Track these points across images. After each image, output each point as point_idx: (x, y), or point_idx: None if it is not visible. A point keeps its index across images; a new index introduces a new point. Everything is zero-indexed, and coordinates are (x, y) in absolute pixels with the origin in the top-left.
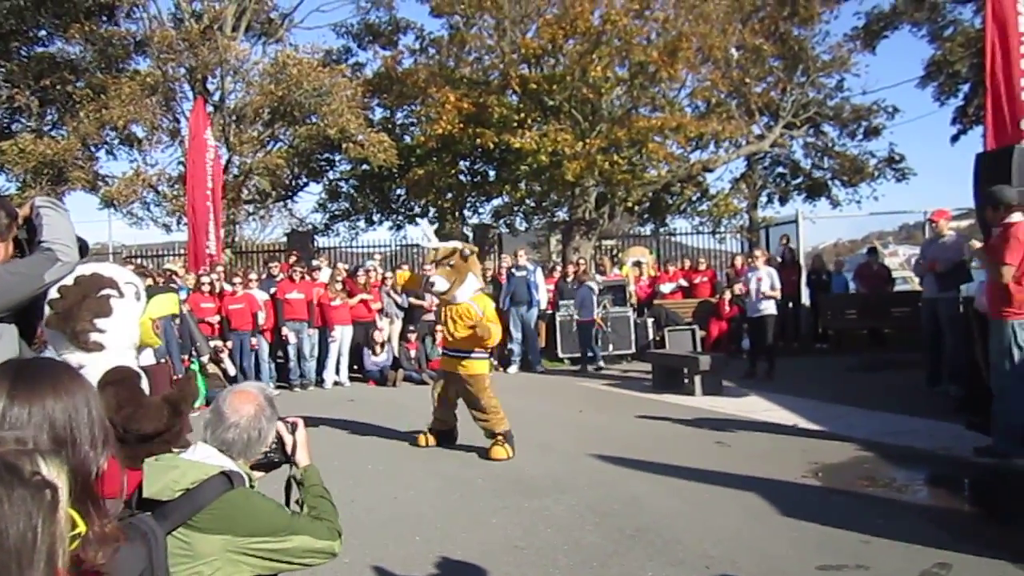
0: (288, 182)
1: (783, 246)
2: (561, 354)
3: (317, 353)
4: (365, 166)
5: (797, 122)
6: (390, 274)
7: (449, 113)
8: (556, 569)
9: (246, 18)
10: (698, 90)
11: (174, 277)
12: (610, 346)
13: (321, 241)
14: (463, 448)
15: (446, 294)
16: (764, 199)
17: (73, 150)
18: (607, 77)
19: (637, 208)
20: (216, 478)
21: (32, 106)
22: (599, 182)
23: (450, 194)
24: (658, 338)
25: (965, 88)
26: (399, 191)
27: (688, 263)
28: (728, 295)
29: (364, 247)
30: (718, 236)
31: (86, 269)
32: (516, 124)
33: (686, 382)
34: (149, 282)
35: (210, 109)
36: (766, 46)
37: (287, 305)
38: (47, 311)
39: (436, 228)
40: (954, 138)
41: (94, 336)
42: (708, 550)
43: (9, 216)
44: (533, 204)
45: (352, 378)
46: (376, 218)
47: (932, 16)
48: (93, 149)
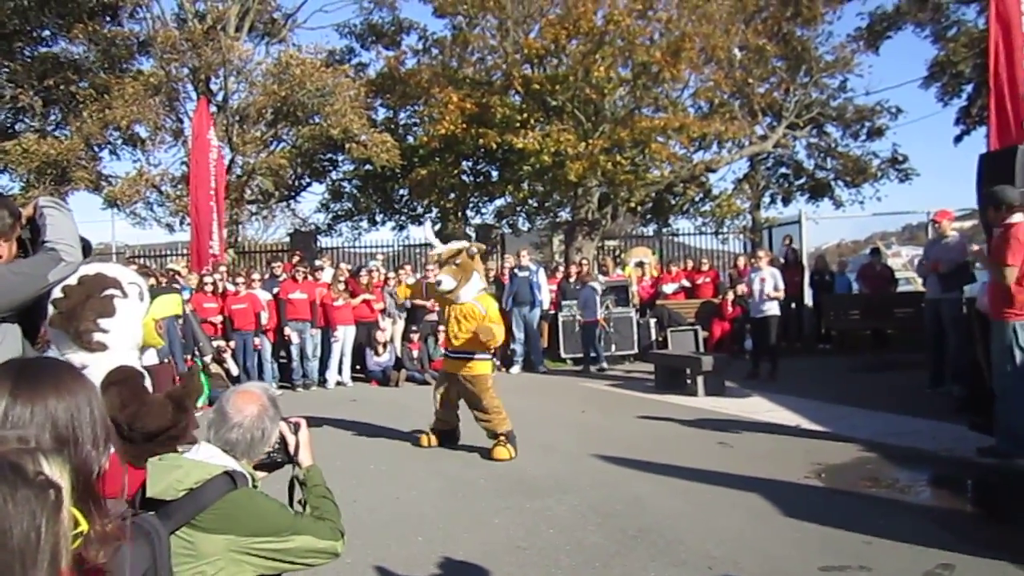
0: (291, 182)
1: (786, 246)
2: (563, 354)
3: (320, 353)
4: (368, 166)
5: (800, 122)
6: (393, 274)
7: (452, 113)
8: (558, 569)
9: (249, 18)
10: (701, 90)
11: (177, 277)
12: (612, 346)
13: (324, 241)
14: (465, 448)
15: (451, 293)
16: (767, 200)
17: (76, 150)
18: (610, 77)
19: (640, 208)
20: (219, 478)
21: (36, 106)
22: (602, 182)
23: (453, 194)
24: (661, 339)
25: (968, 88)
26: (402, 191)
27: (691, 264)
28: (731, 296)
29: (367, 247)
30: (721, 237)
31: (90, 269)
32: (519, 124)
33: (688, 383)
34: (152, 282)
35: (213, 109)
36: (769, 46)
37: (290, 305)
38: (51, 311)
39: (438, 228)
40: (957, 139)
41: (97, 336)
42: (711, 551)
43: (13, 216)
44: (536, 204)
45: (355, 378)
46: (379, 218)
47: (935, 16)
48: (96, 149)
